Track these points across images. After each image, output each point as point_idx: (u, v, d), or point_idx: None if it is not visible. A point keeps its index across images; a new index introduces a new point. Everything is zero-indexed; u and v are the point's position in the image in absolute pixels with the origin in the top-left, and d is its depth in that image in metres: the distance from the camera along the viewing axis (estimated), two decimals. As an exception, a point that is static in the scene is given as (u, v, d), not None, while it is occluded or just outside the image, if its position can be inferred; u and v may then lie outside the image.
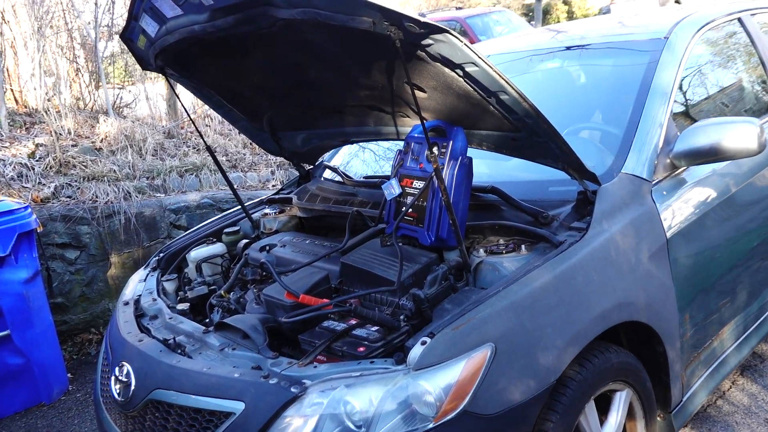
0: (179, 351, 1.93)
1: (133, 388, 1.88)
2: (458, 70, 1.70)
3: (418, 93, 1.98)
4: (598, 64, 2.72)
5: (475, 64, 1.64)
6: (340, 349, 1.74)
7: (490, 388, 1.58)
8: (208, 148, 2.71)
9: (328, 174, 3.11)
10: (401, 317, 1.81)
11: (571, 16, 22.84)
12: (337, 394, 1.57)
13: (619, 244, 1.93)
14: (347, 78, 2.14)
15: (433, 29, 1.55)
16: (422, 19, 1.52)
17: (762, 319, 2.65)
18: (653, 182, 2.13)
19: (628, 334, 2.09)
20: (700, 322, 2.24)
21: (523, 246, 1.94)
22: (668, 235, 2.07)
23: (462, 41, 1.58)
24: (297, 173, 3.13)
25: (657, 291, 2.01)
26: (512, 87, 1.69)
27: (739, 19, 2.89)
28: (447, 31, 1.55)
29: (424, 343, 1.58)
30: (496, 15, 11.92)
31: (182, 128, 6.23)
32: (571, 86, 2.80)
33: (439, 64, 1.71)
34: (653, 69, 2.38)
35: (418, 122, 2.22)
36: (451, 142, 2.00)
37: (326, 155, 3.31)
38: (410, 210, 2.06)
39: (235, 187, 5.03)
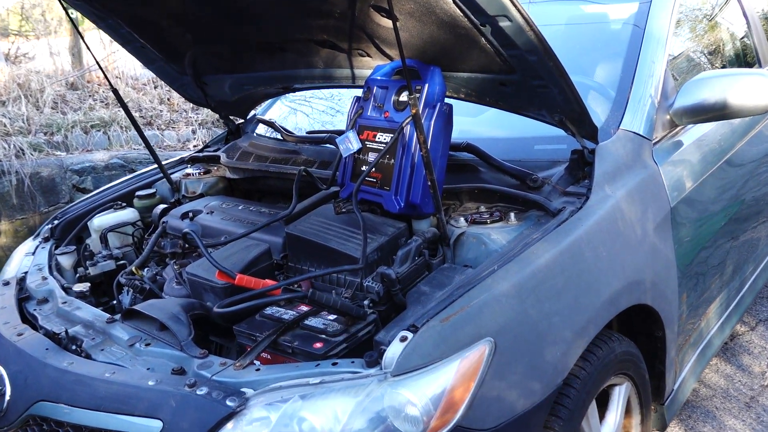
0: (74, 347, 1.48)
1: (7, 398, 1.41)
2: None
3: (387, 21, 1.57)
4: (580, 13, 2.39)
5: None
6: (290, 345, 1.35)
7: (488, 394, 1.23)
8: (115, 92, 2.20)
9: (261, 130, 2.67)
10: (366, 303, 1.44)
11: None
12: (290, 408, 1.18)
13: (626, 212, 1.62)
14: (294, 2, 1.70)
15: None
16: None
17: (740, 295, 2.44)
18: (653, 141, 1.83)
19: (621, 319, 1.79)
20: (695, 302, 1.99)
21: (512, 214, 1.60)
22: (672, 203, 1.78)
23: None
24: (224, 130, 2.67)
25: (661, 268, 1.72)
26: (518, 9, 1.31)
27: (723, -32, 2.63)
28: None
29: (404, 339, 1.21)
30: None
31: (89, 81, 5.51)
32: (551, 37, 2.45)
33: (422, -24, 1.31)
34: (645, 12, 2.07)
35: (380, 62, 1.82)
36: (426, 86, 1.62)
37: (258, 109, 2.85)
38: (373, 169, 1.67)
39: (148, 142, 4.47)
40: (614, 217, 1.58)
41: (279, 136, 2.44)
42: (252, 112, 2.74)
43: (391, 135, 1.65)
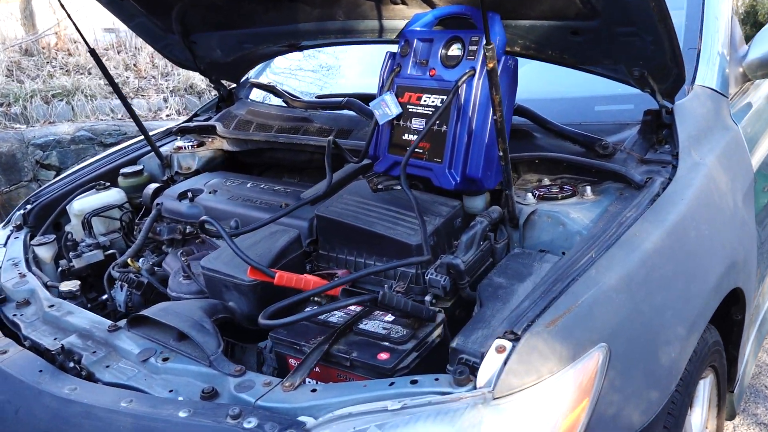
0: (72, 365, 1.20)
1: (-5, 436, 1.14)
2: None
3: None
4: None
5: None
6: (347, 356, 1.10)
7: (604, 415, 1.01)
8: (92, 52, 1.87)
9: (256, 95, 2.37)
10: (428, 299, 1.20)
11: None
12: (367, 443, 0.93)
13: (718, 182, 1.40)
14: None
15: None
16: None
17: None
18: (729, 98, 1.61)
19: None
20: (764, 277, 1.80)
21: (588, 188, 1.36)
22: (755, 168, 1.57)
23: None
24: (199, 101, 2.36)
25: (749, 244, 1.52)
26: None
27: None
28: None
29: (502, 349, 0.97)
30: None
31: (44, 47, 5.04)
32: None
33: None
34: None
35: (419, 10, 1.54)
36: (482, 37, 1.35)
37: (251, 72, 2.53)
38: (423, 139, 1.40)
39: (120, 117, 4.10)
40: (710, 189, 1.36)
41: (281, 103, 2.15)
42: (245, 76, 2.43)
43: (441, 97, 1.39)
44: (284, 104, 2.13)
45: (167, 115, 4.32)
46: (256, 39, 2.01)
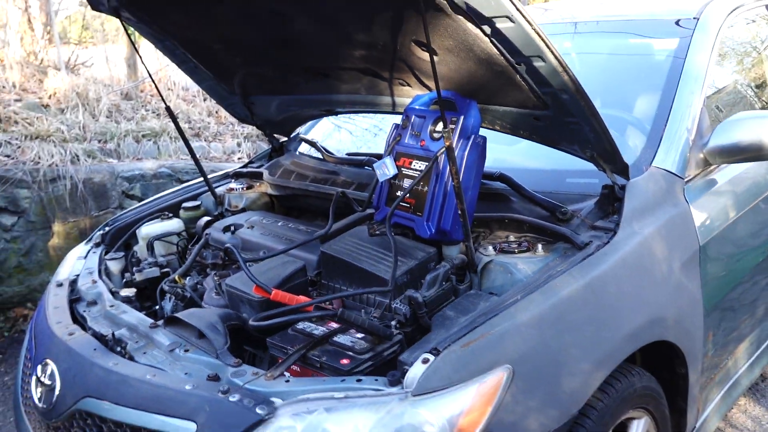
0: (119, 349, 1.58)
1: (57, 393, 1.52)
2: (486, 26, 1.38)
3: (426, 55, 1.65)
4: (623, 43, 2.43)
5: (510, 18, 1.32)
6: (319, 360, 1.42)
7: (504, 420, 1.28)
8: (168, 109, 2.33)
9: (304, 149, 2.77)
10: (393, 323, 1.50)
11: None
12: (315, 420, 1.25)
13: (653, 249, 1.65)
14: (339, 33, 1.79)
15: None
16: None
17: (773, 335, 2.42)
18: (685, 179, 1.86)
19: (644, 354, 1.81)
20: (722, 341, 1.99)
21: (539, 245, 1.65)
22: (701, 241, 1.80)
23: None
24: (268, 146, 2.78)
25: (687, 306, 1.74)
26: (552, 52, 1.38)
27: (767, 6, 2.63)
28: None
29: (426, 361, 1.27)
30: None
31: (142, 90, 5.75)
32: (594, 67, 2.49)
33: (461, 17, 1.38)
34: (684, 51, 2.11)
35: (420, 92, 1.90)
36: (462, 118, 1.68)
37: (302, 128, 2.96)
38: (407, 195, 1.74)
39: (198, 157, 4.63)
40: (640, 254, 1.61)
41: (320, 156, 2.53)
42: (296, 131, 2.85)
43: (426, 163, 1.72)
44: (321, 158, 2.51)
45: (239, 158, 4.84)
46: (300, 103, 2.42)
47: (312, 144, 2.64)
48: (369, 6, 1.57)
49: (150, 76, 2.33)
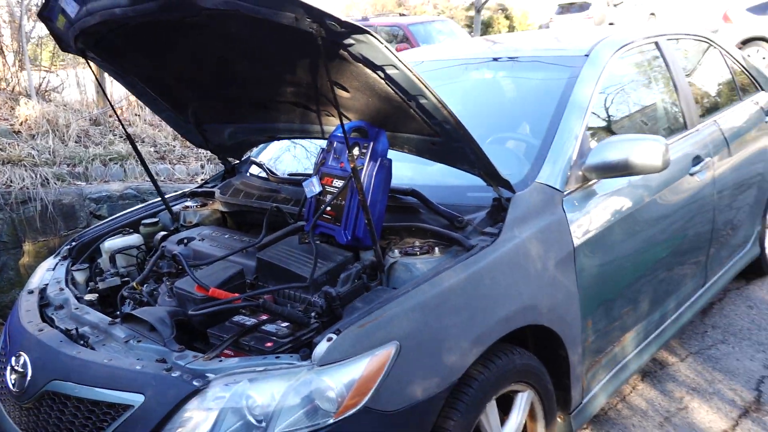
0: (82, 342, 1.87)
1: (29, 378, 1.81)
2: (379, 72, 1.73)
3: (341, 92, 1.99)
4: (524, 76, 2.81)
5: (395, 66, 1.67)
6: (248, 344, 1.73)
7: (393, 385, 1.61)
8: (128, 136, 2.64)
9: (254, 170, 3.08)
10: (312, 314, 1.82)
11: (512, 30, 23.37)
12: (240, 388, 1.56)
13: (528, 250, 2.00)
14: (272, 74, 2.13)
15: (355, 29, 1.56)
16: (344, 19, 1.54)
17: (663, 327, 2.79)
18: (565, 192, 2.22)
19: (534, 338, 2.16)
20: (603, 329, 2.34)
21: (436, 248, 1.98)
22: (576, 243, 2.15)
23: (382, 43, 1.60)
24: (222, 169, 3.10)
25: (561, 297, 2.09)
26: (431, 92, 1.73)
27: (656, 43, 3.04)
28: (368, 32, 1.57)
29: (329, 339, 1.59)
30: (439, 24, 12.07)
31: (110, 116, 6.03)
32: (498, 96, 2.87)
33: (360, 64, 1.73)
34: (572, 84, 2.48)
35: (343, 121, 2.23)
36: (371, 144, 2.03)
37: (254, 151, 3.28)
38: (329, 208, 2.07)
39: (163, 179, 4.94)
40: (516, 253, 1.96)
41: (266, 175, 2.85)
42: (246, 154, 3.17)
43: (343, 182, 2.05)
44: (266, 178, 2.83)
45: (202, 179, 5.13)
46: (246, 131, 2.74)
47: (260, 166, 2.96)
48: (290, 54, 1.90)
49: (112, 107, 2.64)
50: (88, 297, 2.22)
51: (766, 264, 3.85)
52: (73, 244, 2.63)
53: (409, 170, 2.48)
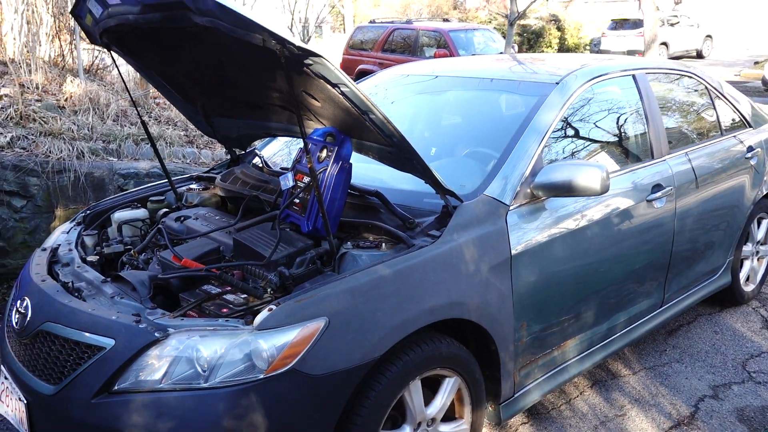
0: (75, 294, 2.22)
1: (28, 319, 2.17)
2: (336, 88, 2.02)
3: (313, 101, 2.29)
4: (499, 98, 3.07)
5: (346, 86, 1.96)
6: (208, 309, 2.06)
7: (319, 353, 1.91)
8: (143, 123, 3.00)
9: (257, 161, 3.41)
10: (269, 289, 2.13)
11: (562, 43, 23.29)
12: (192, 342, 1.88)
13: (463, 253, 2.27)
14: (259, 80, 2.44)
15: (310, 53, 1.86)
16: (299, 44, 1.84)
17: (611, 339, 3.01)
18: (511, 206, 2.47)
19: (472, 333, 2.42)
20: (539, 332, 2.58)
21: (384, 244, 2.27)
22: (513, 253, 2.41)
23: (333, 66, 1.90)
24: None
25: (494, 298, 2.35)
26: (377, 109, 2.01)
27: (633, 76, 3.25)
28: (320, 56, 1.87)
29: (270, 310, 1.90)
30: (480, 33, 12.28)
31: (153, 97, 6.47)
32: (474, 113, 3.14)
33: (321, 80, 2.03)
34: (537, 109, 2.73)
35: (319, 126, 2.54)
36: (336, 149, 2.33)
37: (260, 143, 3.62)
38: (297, 201, 2.38)
39: (188, 162, 5.33)
40: (449, 255, 2.23)
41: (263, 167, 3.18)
42: (253, 145, 3.50)
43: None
44: (262, 170, 3.16)
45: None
46: (247, 127, 3.07)
47: (261, 158, 3.29)
48: (269, 66, 2.21)
49: (130, 95, 3.00)
50: (90, 258, 2.58)
51: (740, 293, 4.00)
52: (88, 212, 3.00)
53: (382, 174, 2.76)
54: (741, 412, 2.99)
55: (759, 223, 4.09)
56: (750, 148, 3.83)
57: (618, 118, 3.21)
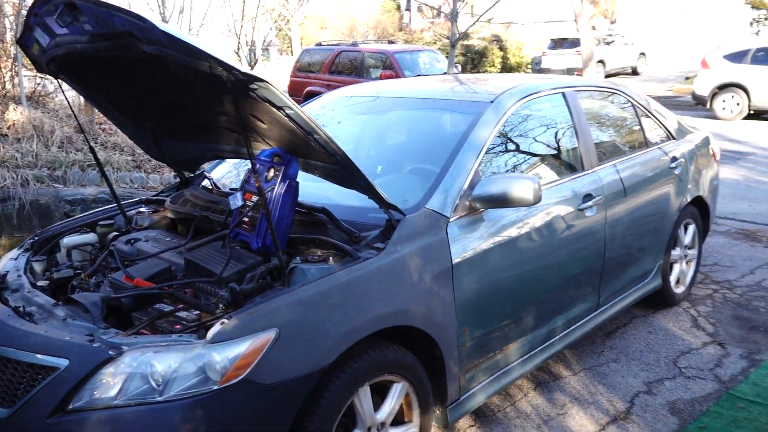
0: (27, 318, 2.25)
1: (-21, 344, 2.19)
2: (281, 111, 2.14)
3: (260, 123, 2.40)
4: (438, 116, 3.24)
5: (290, 108, 2.08)
6: (162, 326, 2.12)
7: (271, 363, 1.99)
8: (91, 149, 3.04)
9: (207, 183, 3.48)
10: (221, 305, 2.21)
11: (505, 62, 24.00)
12: (146, 358, 1.94)
13: (406, 263, 2.40)
14: (207, 105, 2.54)
15: (254, 78, 1.98)
16: (244, 70, 1.95)
17: (551, 341, 3.17)
18: (451, 218, 2.62)
19: (418, 340, 2.54)
20: (481, 336, 2.72)
21: (331, 258, 2.38)
22: (454, 262, 2.55)
23: (278, 90, 2.02)
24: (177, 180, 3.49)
25: (437, 305, 2.48)
26: (320, 130, 2.14)
27: (563, 94, 3.47)
28: (265, 81, 1.98)
29: (222, 323, 1.98)
30: (425, 54, 12.61)
31: (98, 123, 6.44)
32: (415, 131, 3.30)
33: (267, 104, 2.14)
34: (473, 126, 2.90)
35: (266, 147, 2.64)
36: (283, 168, 2.43)
37: (208, 165, 3.69)
38: (246, 219, 2.47)
39: (136, 186, 5.33)
40: (394, 266, 2.36)
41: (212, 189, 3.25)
42: (202, 168, 3.57)
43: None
44: (211, 191, 3.23)
45: (173, 189, 5.53)
46: (196, 149, 3.15)
47: (210, 179, 3.36)
48: (217, 91, 2.31)
49: (80, 125, 3.05)
50: (40, 283, 2.60)
51: (671, 295, 4.26)
52: (36, 238, 3.02)
53: (327, 191, 2.88)
54: (672, 405, 3.19)
55: (686, 229, 4.37)
56: (674, 159, 4.10)
57: (550, 133, 3.42)
